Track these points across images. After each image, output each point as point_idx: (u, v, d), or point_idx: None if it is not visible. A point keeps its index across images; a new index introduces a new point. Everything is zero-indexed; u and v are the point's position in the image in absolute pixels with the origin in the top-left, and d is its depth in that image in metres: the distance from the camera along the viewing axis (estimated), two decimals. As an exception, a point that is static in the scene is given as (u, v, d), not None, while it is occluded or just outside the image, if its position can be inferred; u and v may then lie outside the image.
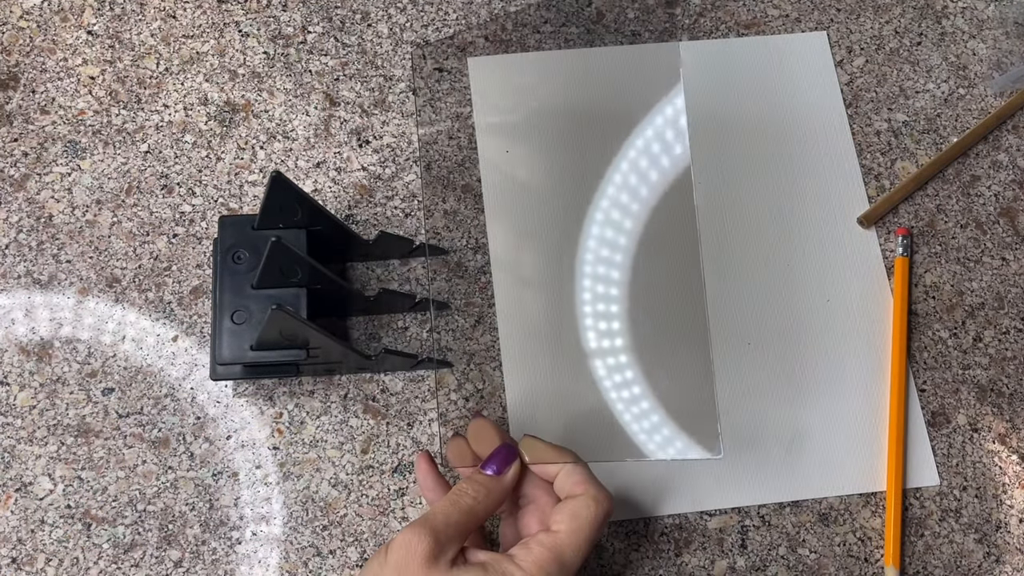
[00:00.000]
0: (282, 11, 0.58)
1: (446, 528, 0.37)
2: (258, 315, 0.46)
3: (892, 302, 0.54)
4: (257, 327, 0.45)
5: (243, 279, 0.46)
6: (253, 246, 0.47)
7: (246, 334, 0.45)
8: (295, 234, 0.47)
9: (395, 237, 0.49)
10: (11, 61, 0.55)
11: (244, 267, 0.46)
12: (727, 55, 0.59)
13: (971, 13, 0.61)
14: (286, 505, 0.48)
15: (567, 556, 0.37)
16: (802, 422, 0.52)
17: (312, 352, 0.45)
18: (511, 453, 0.41)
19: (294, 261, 0.44)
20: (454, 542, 0.37)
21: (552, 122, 0.55)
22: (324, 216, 0.46)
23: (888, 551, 0.49)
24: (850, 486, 0.50)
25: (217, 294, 0.46)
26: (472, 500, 0.38)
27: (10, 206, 0.52)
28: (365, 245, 0.49)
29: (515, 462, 0.41)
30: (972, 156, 0.58)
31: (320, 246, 0.48)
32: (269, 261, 0.43)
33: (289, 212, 0.46)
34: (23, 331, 0.50)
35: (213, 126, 0.55)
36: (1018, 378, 0.53)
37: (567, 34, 0.58)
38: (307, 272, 0.44)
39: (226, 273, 0.46)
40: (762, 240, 0.55)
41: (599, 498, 0.39)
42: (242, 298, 0.46)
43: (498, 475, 0.40)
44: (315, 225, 0.47)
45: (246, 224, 0.47)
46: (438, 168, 0.55)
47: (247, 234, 0.47)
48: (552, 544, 0.37)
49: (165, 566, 0.47)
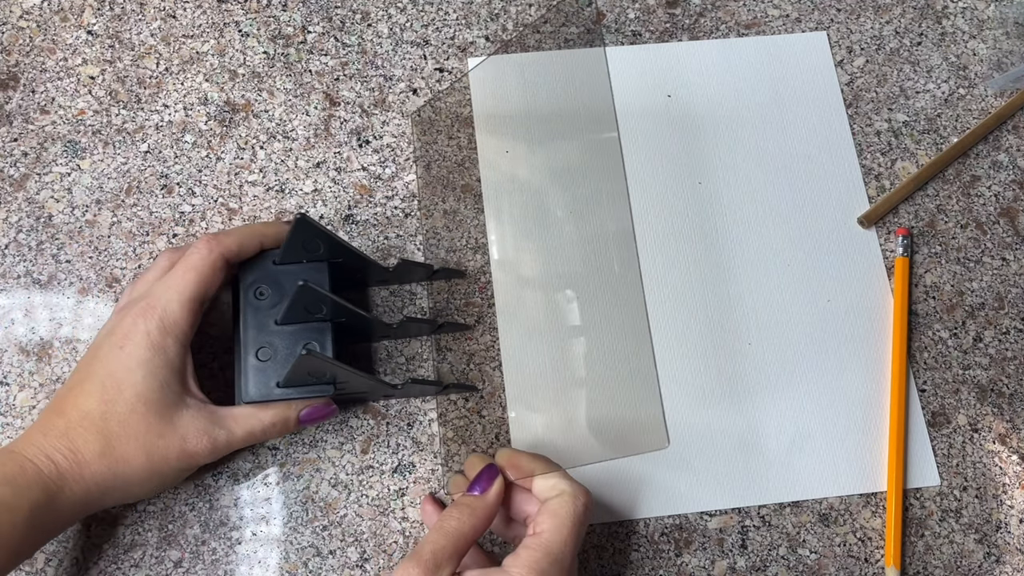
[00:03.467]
0: (282, 11, 0.58)
1: (433, 556, 0.38)
2: (283, 352, 0.45)
3: (892, 302, 0.54)
4: (283, 363, 0.45)
5: (266, 315, 0.46)
6: (275, 282, 0.46)
7: (272, 371, 0.45)
8: (317, 268, 0.47)
9: (414, 264, 0.49)
10: (11, 61, 0.55)
11: (267, 303, 0.46)
12: (728, 55, 0.59)
13: (971, 13, 0.61)
14: (286, 505, 0.48)
15: (555, 551, 0.39)
16: (803, 422, 0.51)
17: (339, 385, 0.45)
18: (493, 472, 0.42)
19: (320, 300, 0.43)
20: (445, 567, 0.38)
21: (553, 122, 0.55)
22: (346, 250, 0.46)
23: (889, 552, 0.49)
24: (850, 486, 0.50)
25: (241, 331, 0.46)
26: (457, 522, 0.40)
27: (10, 206, 0.52)
28: (385, 272, 0.49)
29: (497, 479, 0.42)
30: (972, 156, 0.58)
31: (341, 276, 0.48)
32: (295, 303, 0.43)
33: (311, 248, 0.46)
34: (23, 331, 0.50)
35: (213, 126, 0.55)
36: (1018, 378, 0.53)
37: (567, 34, 0.58)
38: (332, 308, 0.44)
39: (249, 310, 0.46)
40: (762, 240, 0.55)
41: (575, 493, 0.41)
42: (266, 334, 0.45)
43: (482, 494, 0.42)
44: (336, 258, 0.47)
45: (266, 259, 0.47)
46: (438, 168, 0.55)
47: (268, 269, 0.47)
48: (538, 544, 0.39)
49: (165, 566, 0.47)
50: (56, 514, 0.39)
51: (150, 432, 0.41)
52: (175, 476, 0.44)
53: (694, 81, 0.58)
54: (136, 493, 0.43)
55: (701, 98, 0.58)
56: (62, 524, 0.40)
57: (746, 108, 0.58)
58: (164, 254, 0.46)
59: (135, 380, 0.41)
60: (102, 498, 0.41)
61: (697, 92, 0.58)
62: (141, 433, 0.41)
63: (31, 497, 0.38)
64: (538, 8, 0.59)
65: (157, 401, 0.41)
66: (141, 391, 0.41)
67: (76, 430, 0.40)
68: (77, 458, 0.40)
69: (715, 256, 0.54)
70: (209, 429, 0.43)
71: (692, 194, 0.56)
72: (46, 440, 0.40)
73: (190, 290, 0.43)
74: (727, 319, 0.53)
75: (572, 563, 0.40)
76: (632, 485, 0.50)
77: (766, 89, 0.58)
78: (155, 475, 0.42)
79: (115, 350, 0.42)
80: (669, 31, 0.59)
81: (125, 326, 0.42)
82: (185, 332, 0.43)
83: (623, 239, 0.48)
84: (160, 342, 0.42)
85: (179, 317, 0.43)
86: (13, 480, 0.38)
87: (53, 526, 0.40)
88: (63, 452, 0.40)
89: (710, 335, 0.53)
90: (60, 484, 0.39)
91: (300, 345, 0.45)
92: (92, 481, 0.40)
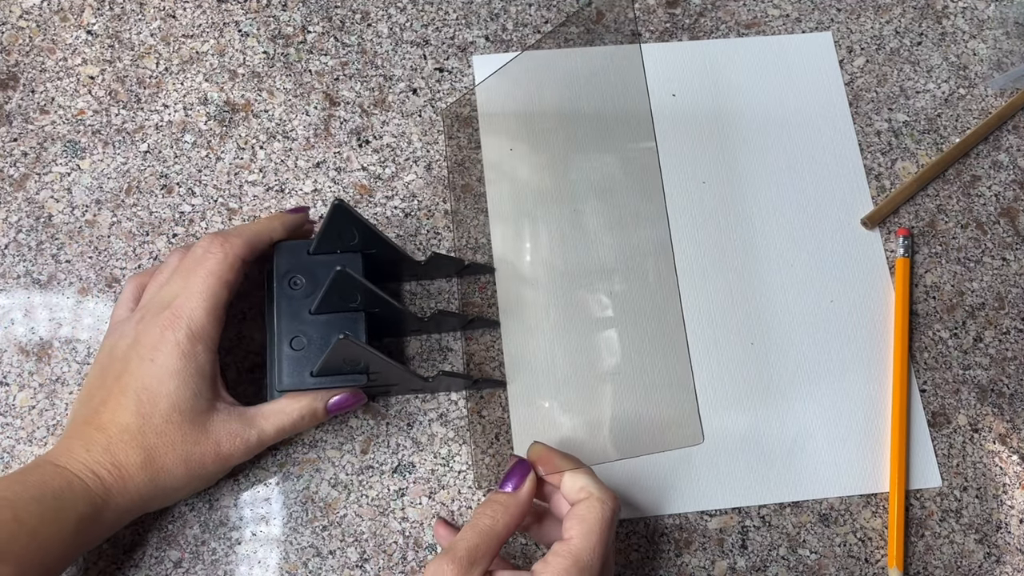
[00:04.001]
0: (282, 11, 0.58)
1: (468, 554, 0.38)
2: (317, 341, 0.45)
3: (894, 303, 0.54)
4: (316, 353, 0.45)
5: (300, 304, 0.46)
6: (309, 271, 0.46)
7: (305, 360, 0.45)
8: (351, 258, 0.47)
9: (446, 258, 0.49)
10: (10, 61, 0.55)
11: (300, 292, 0.46)
12: (731, 55, 0.59)
13: (971, 13, 0.61)
14: (286, 505, 0.48)
15: (584, 559, 0.38)
16: (804, 422, 0.51)
17: (371, 375, 0.45)
18: (525, 468, 0.42)
19: (356, 288, 0.44)
20: (478, 564, 0.38)
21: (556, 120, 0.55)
22: (380, 240, 0.46)
23: (891, 553, 0.49)
24: (852, 487, 0.50)
25: (274, 320, 0.46)
26: (491, 520, 0.40)
27: (9, 206, 0.52)
28: (417, 266, 0.49)
29: (530, 475, 0.42)
30: (972, 156, 0.58)
31: (374, 268, 0.48)
32: (331, 290, 0.43)
33: (347, 237, 0.46)
34: (22, 331, 0.50)
35: (213, 126, 0.55)
36: (1018, 378, 0.53)
37: (567, 34, 0.58)
38: (366, 298, 0.44)
39: (283, 299, 0.46)
40: (766, 240, 0.55)
41: (603, 499, 0.40)
42: (300, 324, 0.45)
43: (514, 491, 0.41)
44: (370, 248, 0.47)
45: (301, 249, 0.47)
46: (438, 168, 0.55)
47: (303, 259, 0.47)
48: (567, 551, 0.39)
49: (165, 566, 0.47)
50: (101, 524, 0.41)
51: (186, 441, 0.42)
52: (211, 478, 0.45)
53: (698, 81, 0.58)
54: (175, 498, 0.45)
55: (706, 98, 0.58)
56: (106, 533, 0.42)
57: (751, 108, 0.58)
58: (172, 254, 0.46)
59: (169, 391, 0.42)
60: (144, 506, 0.43)
61: (702, 92, 0.58)
62: (178, 442, 0.42)
63: (78, 511, 0.39)
64: (538, 8, 0.59)
65: (191, 409, 0.42)
66: (175, 401, 0.42)
67: (117, 445, 0.41)
68: (120, 472, 0.41)
69: (718, 256, 0.54)
70: (241, 431, 0.44)
71: (695, 194, 0.56)
72: (90, 455, 0.41)
73: (214, 296, 0.43)
74: (729, 319, 0.53)
75: (603, 569, 0.39)
76: (632, 485, 0.50)
77: (771, 90, 0.58)
78: (193, 479, 0.43)
79: (146, 362, 0.42)
80: (669, 31, 0.59)
81: (152, 337, 0.42)
82: (212, 338, 0.43)
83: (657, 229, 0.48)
84: (190, 351, 0.42)
85: (205, 324, 0.43)
86: (61, 495, 0.39)
87: (97, 535, 0.41)
88: (107, 468, 0.41)
89: (712, 335, 0.53)
90: (105, 498, 0.40)
91: (333, 335, 0.45)
92: (135, 492, 0.41)
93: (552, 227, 0.53)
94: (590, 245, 0.51)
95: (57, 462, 0.40)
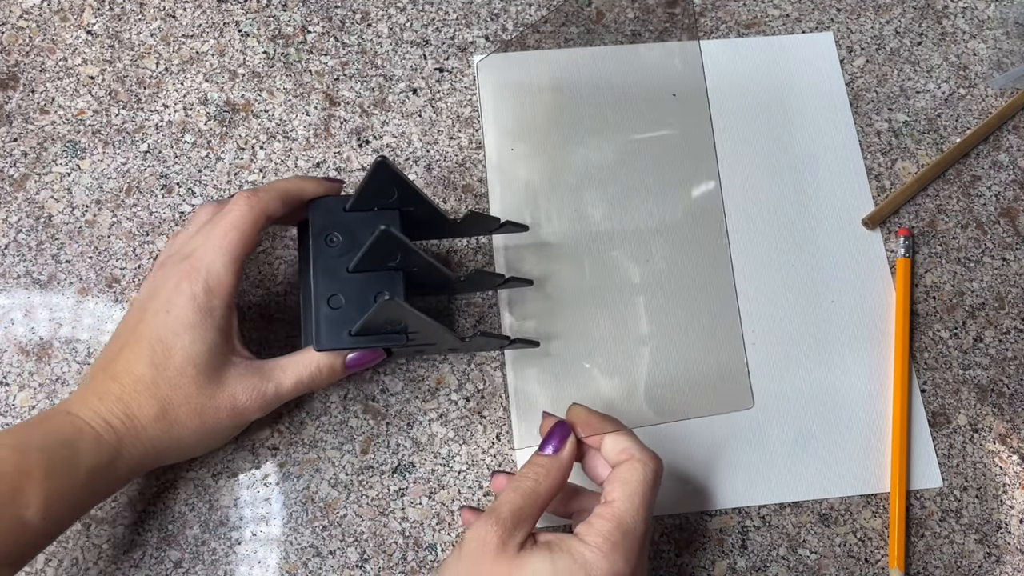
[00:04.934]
0: (282, 11, 0.58)
1: (511, 515, 0.38)
2: (355, 300, 0.44)
3: (895, 304, 0.54)
4: (354, 311, 0.44)
5: (337, 262, 0.45)
6: (346, 228, 0.45)
7: (343, 319, 0.44)
8: (390, 215, 0.46)
9: (481, 215, 0.48)
10: (10, 61, 0.55)
11: (337, 250, 0.45)
12: (732, 56, 0.59)
13: (971, 13, 0.61)
14: (286, 505, 0.48)
15: (628, 521, 0.38)
16: (805, 422, 0.51)
17: (410, 335, 0.44)
18: (565, 430, 0.42)
19: (398, 248, 0.42)
20: (521, 527, 0.38)
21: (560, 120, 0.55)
22: (419, 198, 0.45)
23: (893, 554, 0.49)
24: (853, 487, 0.50)
25: (310, 278, 0.44)
26: (533, 482, 0.40)
27: (9, 206, 0.52)
28: (452, 224, 0.48)
29: (570, 438, 0.42)
30: (972, 156, 0.58)
31: (410, 226, 0.47)
32: (373, 249, 0.42)
33: (385, 195, 0.45)
34: (22, 331, 0.50)
35: (213, 126, 0.55)
36: (1018, 378, 0.53)
37: (567, 34, 0.58)
38: (405, 257, 0.43)
39: (319, 257, 0.45)
40: (767, 241, 0.55)
41: (644, 459, 0.40)
42: (337, 282, 0.44)
43: (555, 454, 0.41)
44: (407, 206, 0.46)
45: (337, 206, 0.46)
46: (438, 168, 0.55)
47: (339, 216, 0.45)
48: (611, 514, 0.38)
49: (165, 566, 0.47)
50: (113, 475, 0.40)
51: (201, 394, 0.42)
52: (228, 433, 0.45)
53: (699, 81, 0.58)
54: (189, 452, 0.44)
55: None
56: (118, 484, 0.42)
57: (752, 108, 0.58)
58: (203, 208, 0.46)
59: (183, 344, 0.41)
60: (157, 459, 0.43)
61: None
62: (192, 395, 0.42)
63: (89, 460, 0.39)
64: (538, 8, 0.59)
65: (206, 363, 0.42)
66: (190, 354, 0.41)
67: (131, 395, 0.41)
68: (133, 423, 0.41)
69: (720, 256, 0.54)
70: (258, 384, 0.43)
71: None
72: (102, 404, 0.40)
73: (233, 250, 0.43)
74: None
75: (645, 532, 0.39)
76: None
77: (772, 90, 0.58)
78: (208, 434, 0.43)
79: (161, 313, 0.42)
80: (669, 31, 0.59)
81: (169, 288, 0.42)
82: (230, 292, 0.43)
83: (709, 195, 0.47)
84: (206, 304, 0.42)
85: (224, 278, 0.42)
86: (73, 443, 0.39)
87: (110, 486, 0.41)
88: (120, 417, 0.40)
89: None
90: (118, 448, 0.40)
91: (371, 294, 0.44)
92: (148, 444, 0.41)
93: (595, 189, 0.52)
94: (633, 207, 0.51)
95: (70, 410, 0.40)
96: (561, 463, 0.41)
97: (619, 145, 0.53)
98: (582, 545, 0.37)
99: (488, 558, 0.37)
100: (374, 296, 0.44)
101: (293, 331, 0.51)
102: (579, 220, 0.52)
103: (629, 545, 0.38)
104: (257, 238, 0.44)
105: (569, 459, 0.41)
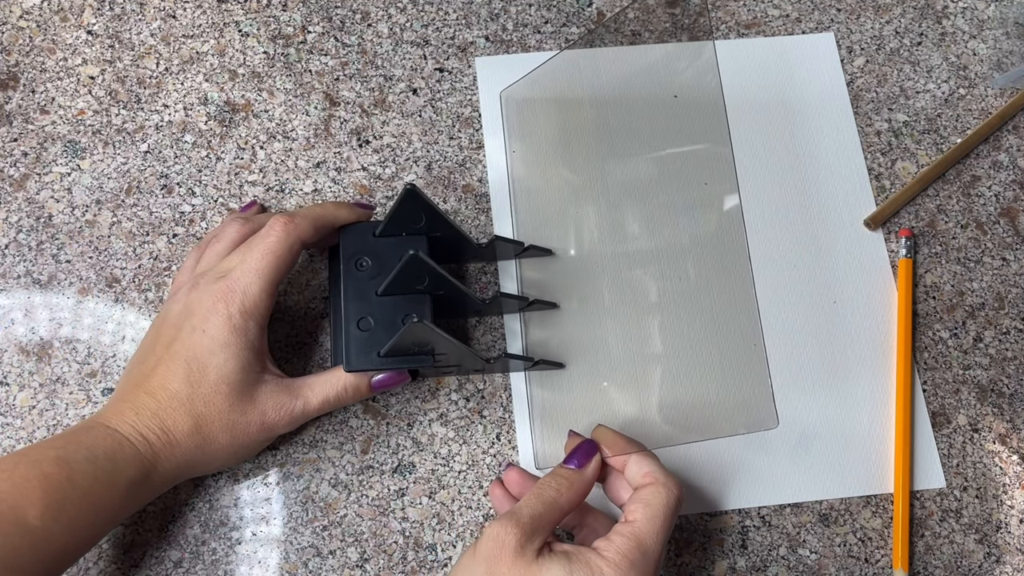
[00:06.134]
0: (282, 11, 0.58)
1: (531, 520, 0.39)
2: (384, 322, 0.46)
3: (897, 305, 0.54)
4: (383, 333, 0.46)
5: (366, 286, 0.47)
6: (375, 253, 0.47)
7: (372, 341, 0.46)
8: (417, 240, 0.48)
9: (506, 240, 0.50)
10: (11, 61, 0.55)
11: (367, 274, 0.47)
12: (735, 56, 0.59)
13: (971, 13, 0.61)
14: (286, 505, 0.48)
15: (647, 543, 0.39)
16: (808, 423, 0.51)
17: (437, 357, 0.46)
18: (592, 448, 0.43)
19: (425, 272, 0.44)
20: (540, 533, 0.39)
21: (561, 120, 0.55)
22: (445, 223, 0.47)
23: (896, 554, 0.49)
24: (855, 488, 0.50)
25: (341, 301, 0.46)
26: (555, 493, 0.40)
27: (10, 206, 0.52)
28: (477, 249, 0.50)
29: (595, 455, 0.43)
30: (972, 156, 0.58)
31: (437, 250, 0.48)
32: (402, 273, 0.44)
33: (413, 220, 0.46)
34: (23, 331, 0.50)
35: (213, 126, 0.55)
36: (1018, 378, 0.53)
37: (567, 34, 0.58)
38: (433, 280, 0.45)
39: (350, 280, 0.47)
40: (769, 241, 0.55)
41: (668, 484, 0.41)
42: (366, 305, 0.46)
43: (580, 468, 0.42)
44: (434, 232, 0.47)
45: (367, 231, 0.48)
46: (438, 168, 0.55)
47: (369, 241, 0.48)
48: (631, 533, 0.39)
49: (165, 566, 0.47)
50: (149, 487, 0.42)
51: (233, 411, 0.43)
52: (256, 447, 0.46)
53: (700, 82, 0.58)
54: (220, 465, 0.46)
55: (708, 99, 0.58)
56: (153, 495, 0.43)
57: (753, 109, 0.58)
58: (233, 226, 0.47)
59: (218, 363, 0.42)
60: (190, 471, 0.44)
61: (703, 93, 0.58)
62: (225, 412, 0.43)
63: (128, 473, 0.40)
64: (538, 8, 0.59)
65: (239, 381, 0.43)
66: (224, 373, 0.43)
67: (167, 411, 0.42)
68: (169, 438, 0.42)
69: (717, 256, 0.54)
70: (286, 402, 0.44)
71: (698, 194, 0.55)
72: (139, 419, 0.42)
73: (270, 274, 0.44)
74: (733, 319, 0.53)
75: (660, 556, 0.40)
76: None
77: (773, 90, 0.58)
78: (238, 448, 0.44)
79: (197, 332, 0.43)
80: (669, 31, 0.59)
81: (205, 307, 0.43)
82: (264, 315, 0.44)
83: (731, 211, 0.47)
84: (242, 325, 0.43)
85: (259, 300, 0.44)
86: (113, 456, 0.40)
87: (145, 497, 0.43)
88: (156, 432, 0.42)
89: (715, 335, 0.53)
90: (154, 462, 0.41)
91: (399, 316, 0.46)
92: (182, 458, 0.42)
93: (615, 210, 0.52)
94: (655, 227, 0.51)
95: (108, 424, 0.41)
96: (585, 478, 0.42)
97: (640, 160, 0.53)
98: (600, 559, 0.38)
99: (505, 560, 0.37)
100: (402, 319, 0.46)
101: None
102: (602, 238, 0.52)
103: (645, 566, 0.38)
104: (292, 263, 0.45)
105: (593, 475, 0.42)
